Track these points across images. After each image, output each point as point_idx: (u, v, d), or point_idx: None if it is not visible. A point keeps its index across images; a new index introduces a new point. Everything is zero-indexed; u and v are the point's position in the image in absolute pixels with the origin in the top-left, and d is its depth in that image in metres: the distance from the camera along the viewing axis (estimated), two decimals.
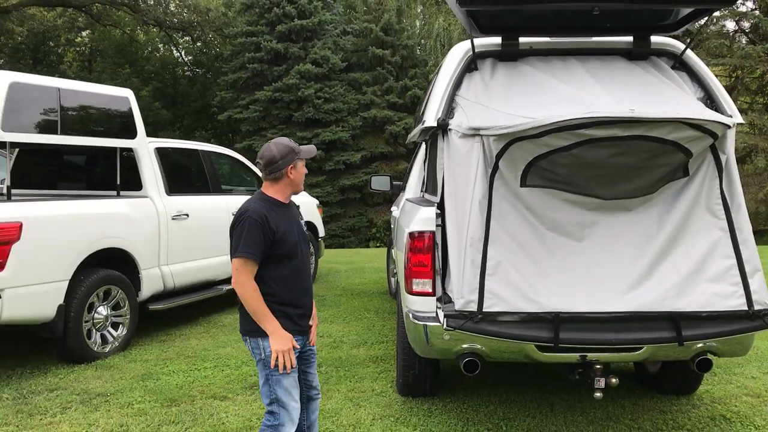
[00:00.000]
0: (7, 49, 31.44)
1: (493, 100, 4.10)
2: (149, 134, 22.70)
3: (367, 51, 22.65)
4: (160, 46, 31.65)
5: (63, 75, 30.10)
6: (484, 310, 3.70)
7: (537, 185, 3.87)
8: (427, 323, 4.05)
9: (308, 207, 9.79)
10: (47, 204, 5.74)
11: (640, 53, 4.46)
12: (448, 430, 4.47)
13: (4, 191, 6.58)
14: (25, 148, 7.30)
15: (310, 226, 9.74)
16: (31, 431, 4.48)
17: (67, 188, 7.27)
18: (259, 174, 8.55)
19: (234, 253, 3.25)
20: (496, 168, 3.86)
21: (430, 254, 4.19)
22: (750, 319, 3.71)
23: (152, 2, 26.39)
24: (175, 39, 29.05)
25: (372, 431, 4.47)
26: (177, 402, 5.03)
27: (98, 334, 6.18)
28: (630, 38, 4.47)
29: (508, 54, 4.47)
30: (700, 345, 3.94)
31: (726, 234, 3.80)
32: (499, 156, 3.81)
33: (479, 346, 4.01)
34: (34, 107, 5.69)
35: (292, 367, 3.28)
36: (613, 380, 3.98)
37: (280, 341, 3.24)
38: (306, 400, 3.63)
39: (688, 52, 4.42)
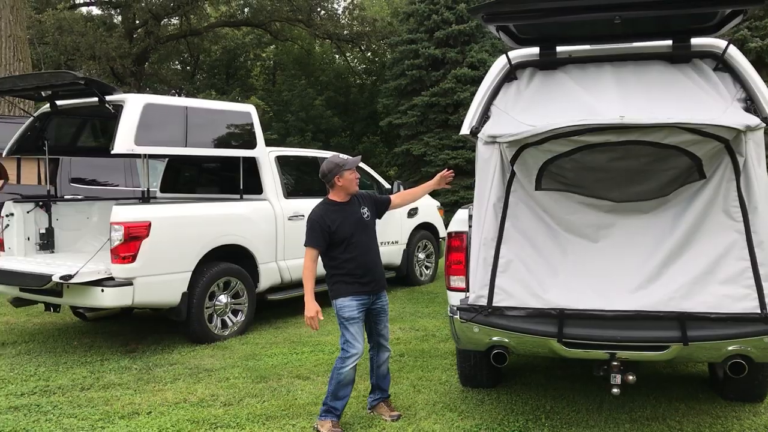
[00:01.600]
0: (205, 65, 35.05)
1: (518, 108, 4.36)
2: (321, 140, 24.04)
3: None
4: (336, 56, 33.64)
5: (250, 88, 33.02)
6: (493, 304, 4.01)
7: (551, 188, 4.11)
8: (454, 316, 4.41)
9: (429, 209, 10.28)
10: (173, 206, 6.76)
11: (680, 56, 4.47)
12: (489, 418, 4.78)
13: (157, 194, 7.80)
14: (172, 159, 8.49)
15: (430, 227, 10.24)
16: (143, 395, 5.41)
17: (204, 192, 8.35)
18: (379, 179, 9.20)
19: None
20: (513, 173, 4.15)
21: (463, 253, 4.55)
22: (764, 323, 3.69)
23: (325, 16, 28.15)
24: (345, 49, 30.70)
25: (420, 414, 4.89)
26: (266, 379, 5.76)
27: (219, 319, 7.12)
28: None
29: (547, 63, 4.68)
30: (732, 348, 3.93)
31: (742, 236, 3.80)
32: (513, 161, 4.09)
33: (506, 340, 4.28)
34: (164, 124, 6.71)
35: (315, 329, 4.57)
36: (630, 377, 4.10)
37: (307, 310, 4.53)
38: (376, 344, 4.83)
39: (732, 52, 4.37)
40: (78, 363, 6.30)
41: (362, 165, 9.29)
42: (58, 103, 7.04)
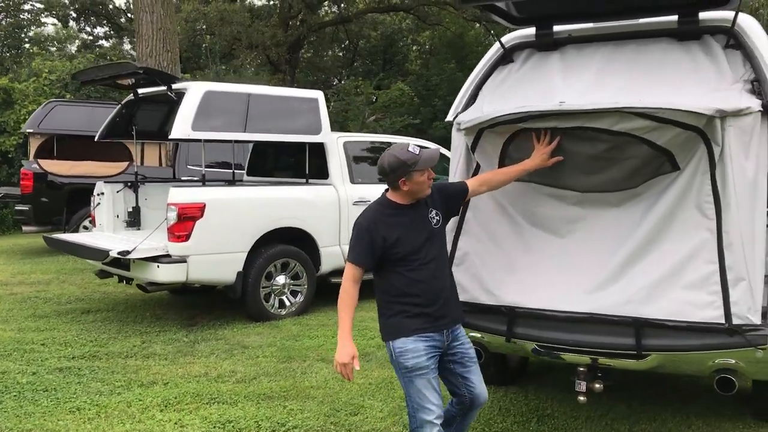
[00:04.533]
0: (364, 52, 35.97)
1: (496, 94, 4.11)
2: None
3: None
4: (493, 37, 33.11)
5: (406, 72, 33.43)
6: None
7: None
8: None
9: None
10: (228, 189, 7.09)
11: (687, 33, 3.97)
12: (479, 416, 4.60)
13: (238, 177, 8.20)
14: (256, 145, 8.87)
15: None
16: (172, 366, 5.76)
17: (279, 176, 8.62)
18: None
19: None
20: (476, 162, 3.94)
21: None
22: (728, 334, 3.24)
23: None
24: (495, 31, 30.10)
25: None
26: (291, 359, 5.91)
27: (276, 299, 7.39)
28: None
29: (544, 44, 4.35)
30: (719, 360, 3.52)
31: (713, 236, 3.35)
32: (473, 149, 3.89)
33: (479, 335, 4.10)
34: (224, 110, 7.04)
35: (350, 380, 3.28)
36: (597, 385, 3.75)
37: (338, 353, 3.18)
38: (469, 402, 3.44)
39: (746, 26, 3.82)
40: (137, 332, 6.83)
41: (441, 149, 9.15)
42: (140, 91, 7.63)
